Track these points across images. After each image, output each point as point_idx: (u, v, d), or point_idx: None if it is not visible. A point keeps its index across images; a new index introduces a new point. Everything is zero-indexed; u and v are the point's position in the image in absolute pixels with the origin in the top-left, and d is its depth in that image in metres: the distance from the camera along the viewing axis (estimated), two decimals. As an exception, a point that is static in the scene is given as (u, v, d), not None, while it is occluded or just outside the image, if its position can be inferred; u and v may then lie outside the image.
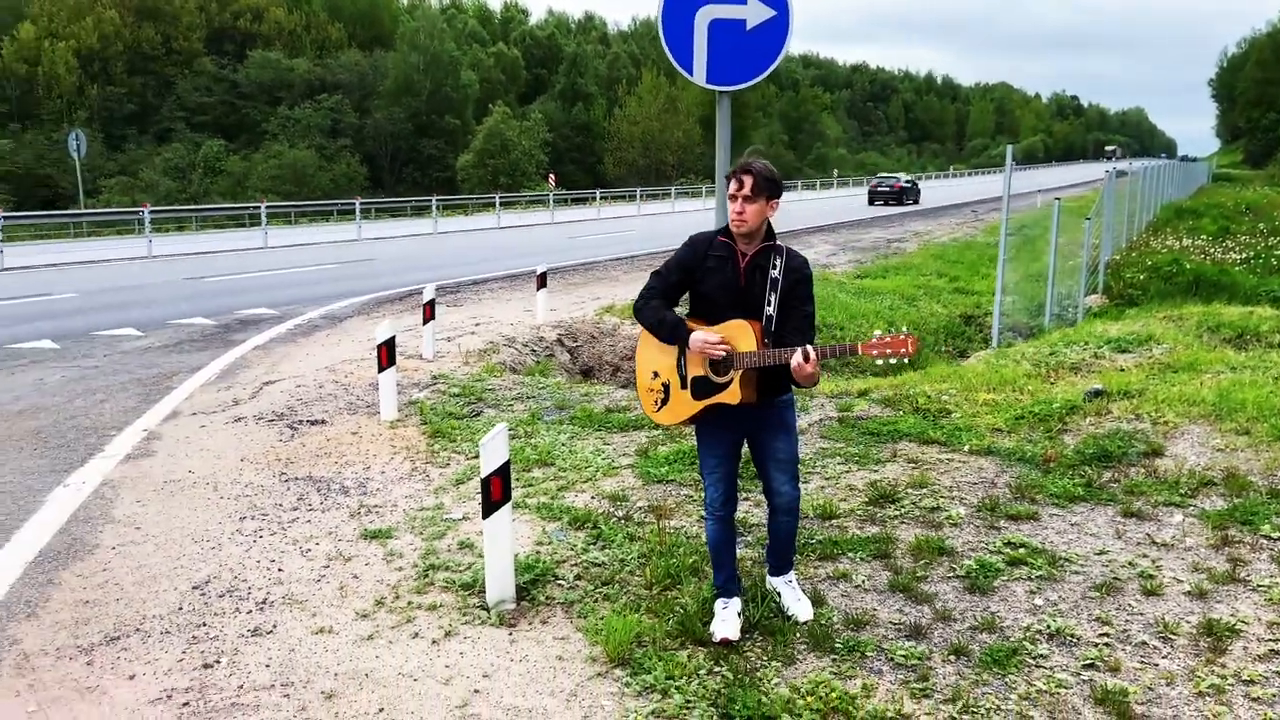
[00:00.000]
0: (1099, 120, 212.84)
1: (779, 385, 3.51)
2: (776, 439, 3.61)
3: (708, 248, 3.51)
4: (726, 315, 3.43)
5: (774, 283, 3.40)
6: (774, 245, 3.48)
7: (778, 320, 3.40)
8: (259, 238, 24.86)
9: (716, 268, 3.47)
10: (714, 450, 3.62)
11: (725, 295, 3.45)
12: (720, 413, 3.49)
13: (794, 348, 3.25)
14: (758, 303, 3.41)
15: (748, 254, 3.46)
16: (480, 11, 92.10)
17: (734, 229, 3.44)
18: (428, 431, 6.60)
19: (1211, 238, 23.64)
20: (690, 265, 3.52)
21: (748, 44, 5.15)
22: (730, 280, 3.44)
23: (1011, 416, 6.04)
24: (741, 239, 3.46)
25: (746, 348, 3.35)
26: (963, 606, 3.73)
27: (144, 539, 4.72)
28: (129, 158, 55.57)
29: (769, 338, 3.39)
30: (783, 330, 3.40)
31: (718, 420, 3.54)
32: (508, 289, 14.96)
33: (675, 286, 3.56)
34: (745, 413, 3.49)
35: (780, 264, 3.43)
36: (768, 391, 3.49)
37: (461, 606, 3.92)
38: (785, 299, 3.41)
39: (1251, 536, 4.18)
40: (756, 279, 3.43)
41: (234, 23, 68.54)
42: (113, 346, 10.00)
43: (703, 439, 3.66)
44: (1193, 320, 9.08)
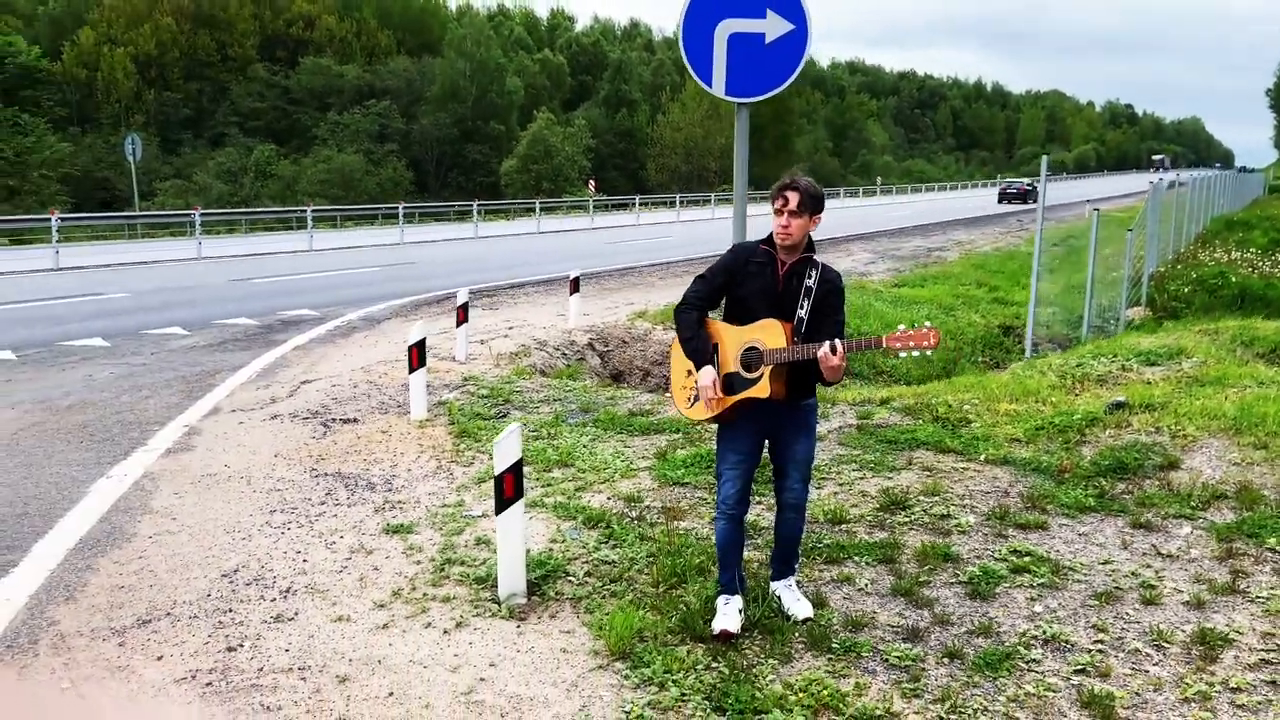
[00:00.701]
0: (1154, 129, 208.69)
1: (806, 386, 3.67)
2: (797, 439, 3.76)
3: (750, 255, 3.69)
4: (761, 317, 3.59)
5: (808, 290, 3.58)
6: (811, 258, 3.65)
7: (809, 324, 3.57)
8: (305, 240, 25.40)
9: (756, 274, 3.64)
10: (736, 448, 3.74)
11: (762, 300, 3.62)
12: (748, 411, 3.63)
13: (820, 342, 3.41)
14: (791, 307, 3.59)
15: (787, 262, 3.62)
16: (527, 18, 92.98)
17: (779, 241, 3.61)
18: (455, 431, 6.78)
19: (1262, 251, 23.14)
20: (733, 270, 3.69)
21: (766, 57, 5.26)
22: (769, 286, 3.61)
23: (1031, 427, 6.06)
24: (783, 250, 3.60)
25: (775, 344, 3.52)
26: (962, 611, 3.80)
27: (179, 529, 4.94)
28: (184, 161, 56.95)
29: (798, 338, 3.55)
30: (813, 333, 3.57)
31: (745, 418, 3.68)
32: (543, 293, 15.16)
33: (718, 290, 3.74)
34: (772, 411, 3.63)
35: (815, 275, 3.61)
36: (795, 390, 3.63)
37: (474, 599, 4.07)
38: (817, 306, 3.59)
39: (1256, 549, 4.19)
40: (792, 285, 3.60)
41: (286, 30, 69.98)
42: (160, 345, 10.35)
43: (725, 437, 3.78)
44: (1228, 334, 8.97)
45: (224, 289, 15.65)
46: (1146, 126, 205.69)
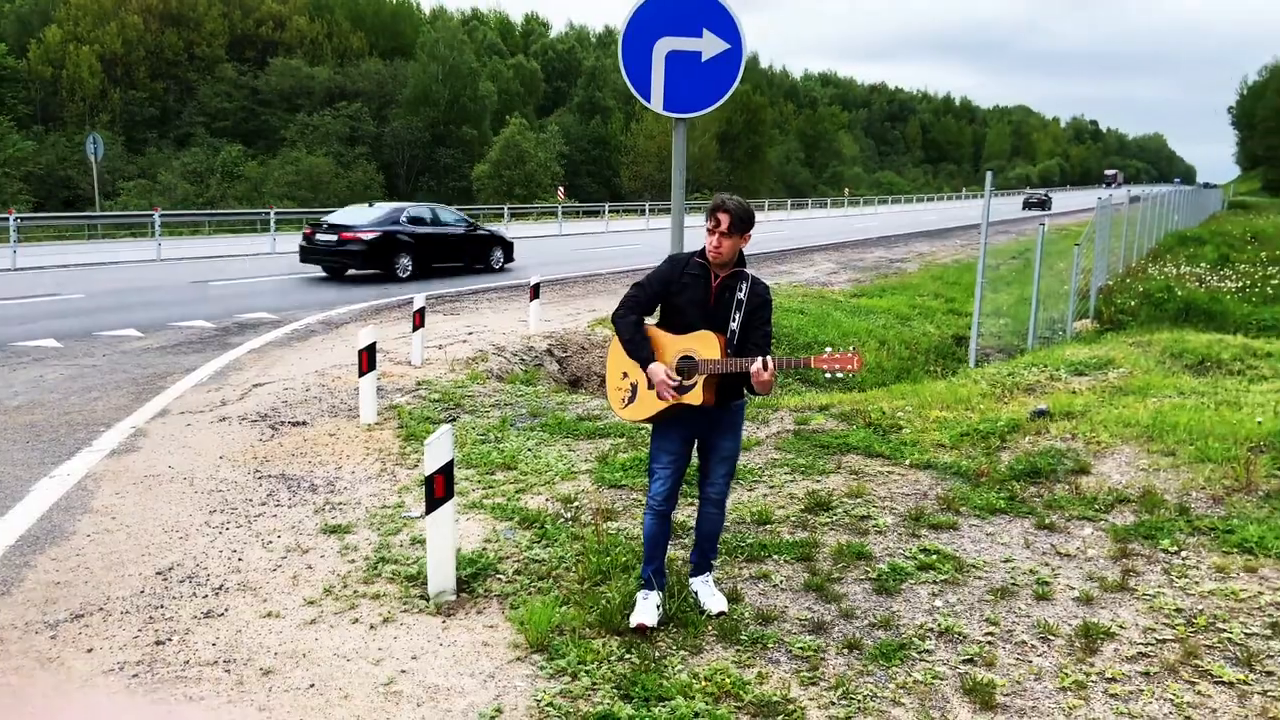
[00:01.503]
0: (1117, 145, 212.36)
1: (735, 391, 3.88)
2: (725, 438, 3.97)
3: (685, 266, 3.87)
4: (694, 326, 3.80)
5: (739, 303, 3.79)
6: (742, 271, 3.86)
7: (740, 335, 3.79)
8: (268, 243, 25.31)
9: (691, 285, 3.84)
10: (668, 447, 3.93)
11: (695, 310, 3.82)
12: (680, 412, 3.82)
13: (754, 357, 3.64)
14: (724, 319, 3.79)
15: (720, 276, 3.81)
16: (501, 23, 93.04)
17: (710, 258, 3.80)
18: (402, 435, 6.89)
19: (1211, 265, 23.75)
20: (669, 280, 3.88)
21: (703, 74, 5.44)
22: (702, 298, 3.81)
23: (957, 433, 6.29)
24: (716, 265, 3.80)
25: (709, 355, 3.72)
26: (867, 606, 3.99)
27: (117, 528, 5.03)
28: (148, 161, 56.43)
29: (731, 349, 3.76)
30: (744, 344, 3.80)
31: (677, 419, 3.87)
32: (506, 299, 15.28)
33: (654, 297, 3.93)
34: (703, 413, 3.83)
35: (746, 288, 3.81)
36: (725, 396, 3.84)
37: (403, 596, 4.20)
38: (748, 318, 3.81)
39: (1150, 550, 4.42)
40: (724, 298, 3.81)
41: (256, 30, 69.61)
42: (113, 347, 10.36)
43: (659, 436, 3.97)
44: (1159, 346, 9.28)
45: (183, 291, 15.62)
46: (1110, 142, 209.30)
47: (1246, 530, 4.48)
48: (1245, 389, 7.62)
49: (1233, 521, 4.64)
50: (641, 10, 5.41)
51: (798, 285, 20.01)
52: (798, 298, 18.07)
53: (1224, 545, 4.40)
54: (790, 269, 23.28)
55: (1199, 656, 3.48)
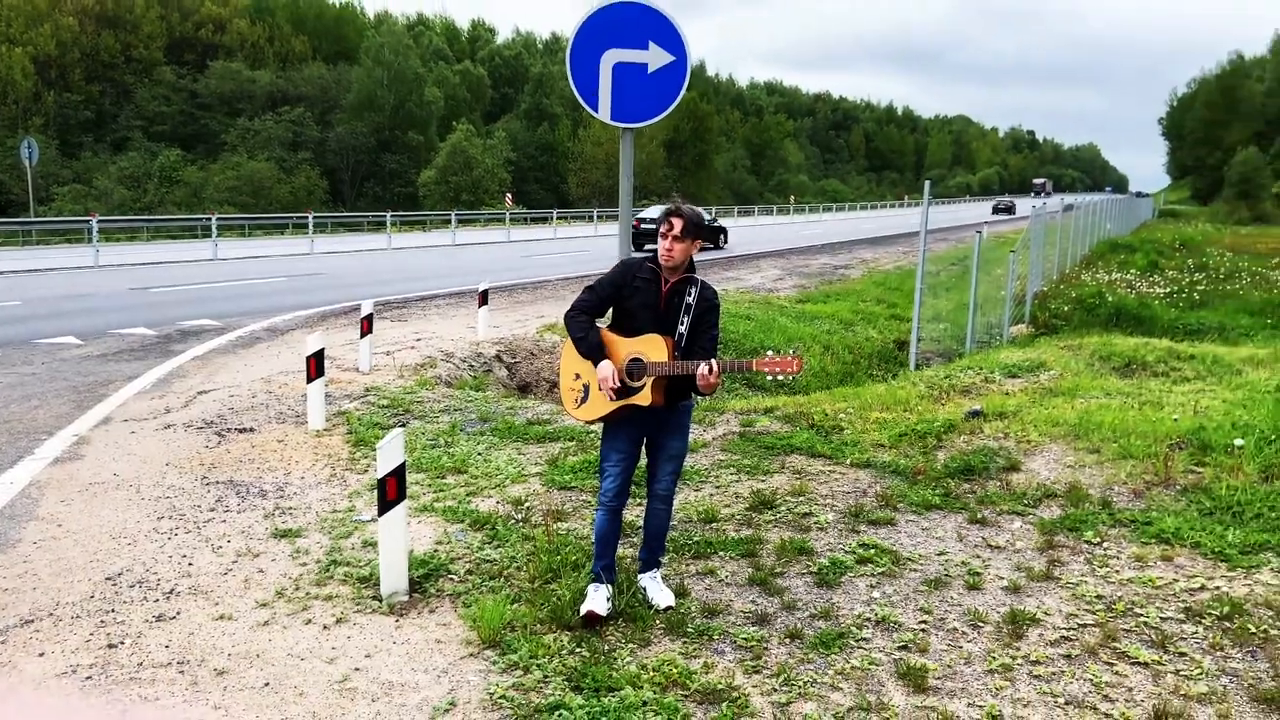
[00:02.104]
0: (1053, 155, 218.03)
1: (683, 392, 4.02)
2: (673, 438, 4.12)
3: (637, 270, 4.01)
4: (644, 330, 3.93)
5: (688, 307, 3.94)
6: (692, 277, 4.00)
7: (688, 339, 3.93)
8: (209, 249, 24.92)
9: (642, 289, 3.97)
10: (618, 447, 4.06)
11: (646, 313, 3.95)
12: (630, 413, 3.95)
13: (700, 360, 3.79)
14: (672, 323, 3.94)
15: (670, 280, 3.95)
16: (447, 29, 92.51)
17: (662, 262, 3.95)
18: (352, 440, 6.91)
19: (1141, 272, 24.58)
20: (620, 284, 4.01)
21: (649, 85, 5.59)
22: (652, 302, 3.95)
23: (896, 434, 6.51)
24: (667, 269, 3.92)
25: (658, 358, 3.86)
26: (809, 598, 4.15)
27: (64, 535, 5.00)
28: (84, 165, 55.04)
29: (679, 352, 3.91)
30: (691, 347, 3.94)
31: (627, 419, 4.00)
32: (454, 305, 15.27)
33: (605, 300, 4.05)
34: (652, 413, 3.97)
35: (695, 293, 3.96)
36: (673, 396, 3.99)
37: (356, 597, 4.26)
38: (696, 322, 3.95)
39: (1074, 541, 4.66)
40: (674, 302, 3.95)
41: (195, 33, 68.27)
42: (52, 355, 10.17)
43: (609, 435, 4.09)
44: (1088, 350, 9.65)
45: (121, 298, 15.35)
46: (1047, 152, 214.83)
47: (1164, 522, 4.74)
48: (1168, 390, 7.98)
49: (1151, 514, 4.90)
50: (589, 22, 5.54)
51: (745, 291, 20.29)
52: (744, 304, 18.33)
53: (1143, 536, 4.65)
54: (737, 275, 23.58)
55: (1117, 640, 3.70)
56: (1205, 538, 4.53)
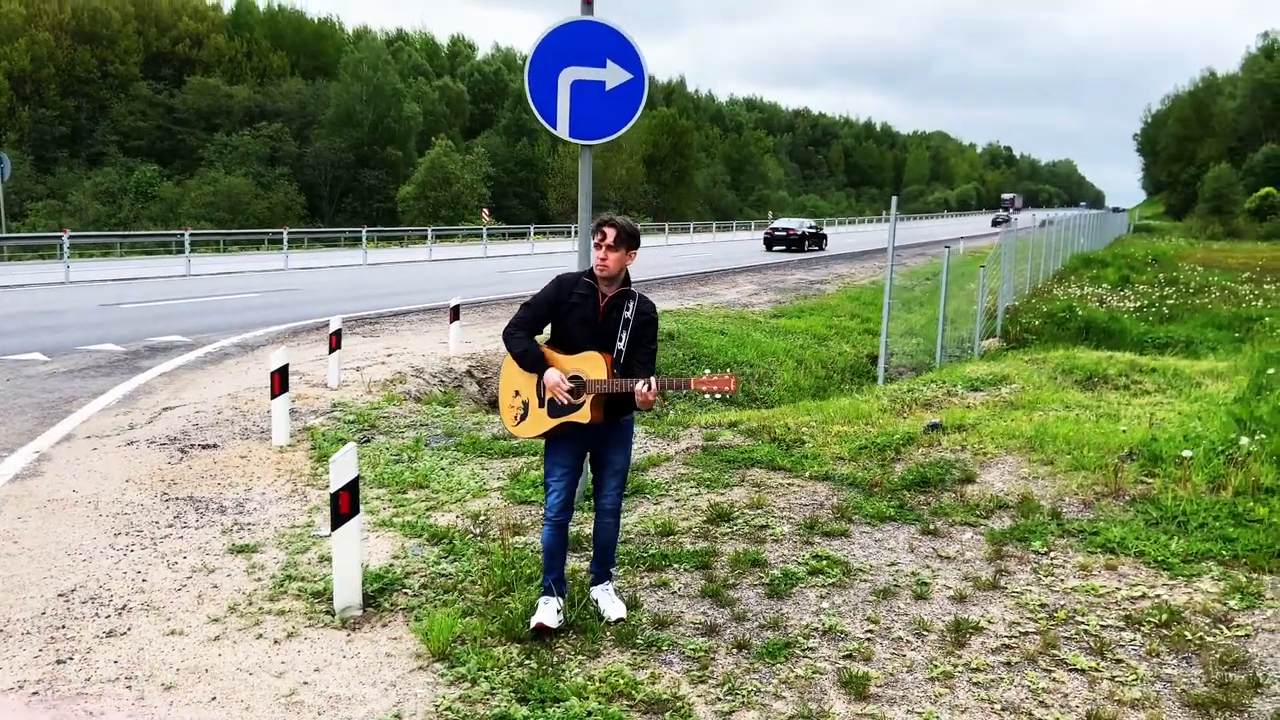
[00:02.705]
0: (1030, 170, 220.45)
1: (623, 407, 4.04)
2: (615, 452, 4.14)
3: (573, 286, 4.03)
4: (583, 346, 3.96)
5: (626, 322, 3.96)
6: (629, 291, 4.04)
7: (626, 354, 3.96)
8: (183, 265, 24.80)
9: (579, 304, 4.00)
10: (561, 462, 4.08)
11: (584, 329, 3.98)
12: (571, 429, 3.97)
13: (638, 378, 3.82)
14: (611, 338, 3.96)
15: (607, 295, 3.98)
16: (427, 45, 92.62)
17: (598, 273, 3.97)
18: (315, 456, 6.91)
19: (1112, 286, 24.87)
20: (556, 300, 4.03)
21: (607, 103, 5.65)
22: (590, 316, 3.97)
23: (856, 447, 6.58)
24: (603, 282, 3.97)
25: (597, 375, 3.89)
26: (759, 609, 4.20)
27: (19, 551, 4.98)
28: (58, 181, 54.62)
29: (618, 368, 3.94)
30: (630, 362, 3.97)
31: (568, 435, 4.03)
32: (427, 321, 15.26)
33: (542, 318, 4.08)
34: (592, 430, 4.00)
35: (633, 307, 3.99)
36: (613, 412, 4.02)
37: (309, 612, 4.27)
38: (635, 337, 3.98)
39: (1022, 551, 4.73)
40: (612, 317, 3.97)
41: (173, 48, 68.02)
42: (17, 371, 10.10)
43: (551, 451, 4.11)
44: (1051, 363, 9.78)
45: (91, 314, 15.25)
46: (1024, 167, 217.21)
47: (1110, 532, 4.82)
48: (1127, 402, 8.11)
49: (1099, 524, 4.98)
50: (547, 40, 5.60)
51: (720, 306, 20.39)
52: (719, 319, 18.42)
53: (1089, 546, 4.73)
54: (713, 290, 23.69)
55: (1057, 647, 3.76)
56: (1149, 547, 4.61)
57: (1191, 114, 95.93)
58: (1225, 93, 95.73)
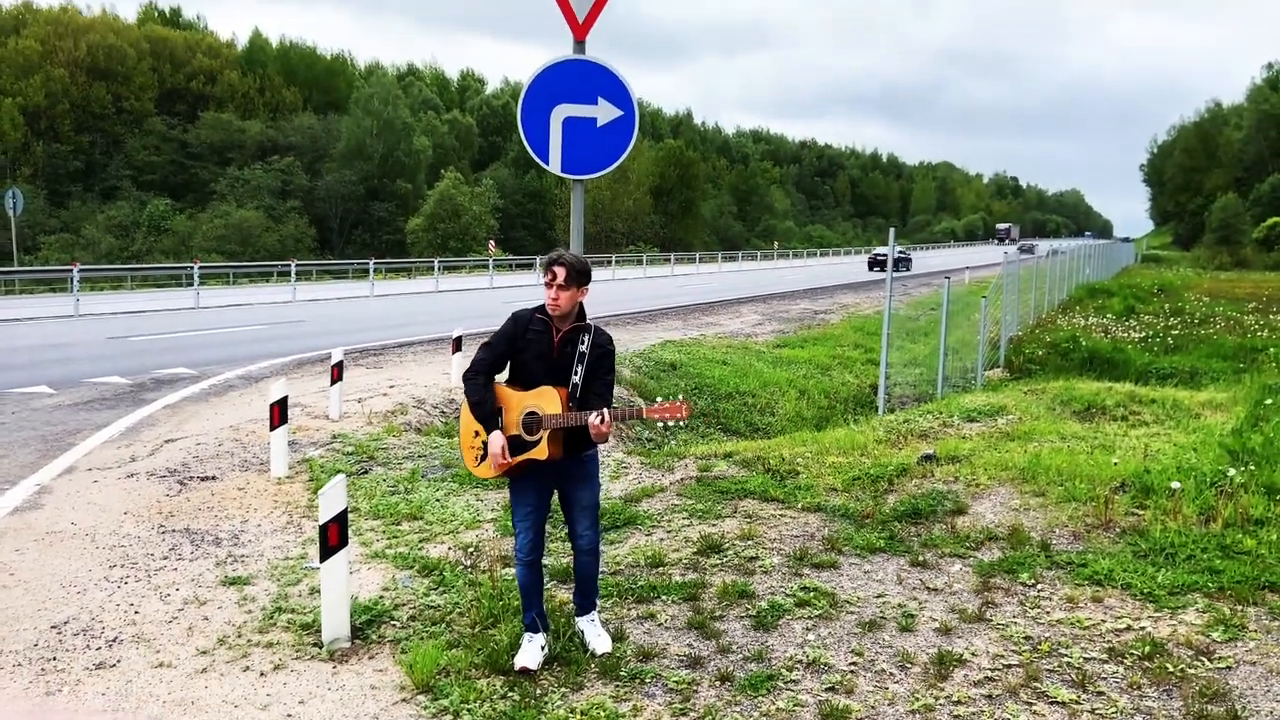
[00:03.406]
0: (1037, 200, 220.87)
1: (583, 442, 4.04)
2: (580, 489, 4.14)
3: (529, 323, 4.06)
4: (540, 381, 3.97)
5: (581, 356, 3.98)
6: (584, 325, 4.06)
7: (583, 387, 3.97)
8: (192, 298, 25.02)
9: (535, 340, 4.02)
10: (525, 501, 4.10)
11: (540, 364, 4.00)
12: (532, 467, 3.99)
13: (592, 410, 3.82)
14: (566, 372, 3.97)
15: (561, 330, 4.01)
16: (437, 79, 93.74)
17: (550, 311, 3.99)
18: (312, 488, 6.96)
19: (1117, 316, 24.84)
20: (513, 337, 4.05)
21: (598, 139, 5.74)
22: (545, 351, 4.00)
23: (849, 478, 6.60)
24: (557, 318, 3.99)
25: (552, 410, 3.89)
26: (744, 641, 4.21)
27: (15, 584, 5.02)
28: (72, 214, 55.28)
29: (574, 402, 3.95)
30: (587, 395, 3.97)
31: (530, 474, 4.04)
32: (431, 352, 15.36)
33: (501, 356, 4.10)
34: (554, 467, 4.02)
35: (588, 340, 4.01)
36: (573, 447, 4.03)
37: (297, 644, 4.30)
38: (590, 370, 3.99)
39: (1009, 583, 4.74)
40: (567, 351, 4.00)
41: (187, 84, 69.04)
42: (23, 404, 10.20)
43: (516, 492, 4.14)
44: (1050, 394, 9.79)
45: (99, 347, 15.39)
46: (1030, 198, 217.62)
47: (1098, 564, 4.82)
48: (1124, 434, 8.11)
49: (1088, 556, 4.98)
50: (540, 78, 5.70)
51: (723, 336, 20.46)
52: (722, 349, 18.49)
53: (1077, 578, 4.73)
54: (717, 320, 23.77)
55: (1039, 679, 3.76)
56: (1136, 579, 4.61)
57: (1197, 144, 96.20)
58: (1231, 123, 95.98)
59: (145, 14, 77.78)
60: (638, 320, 22.66)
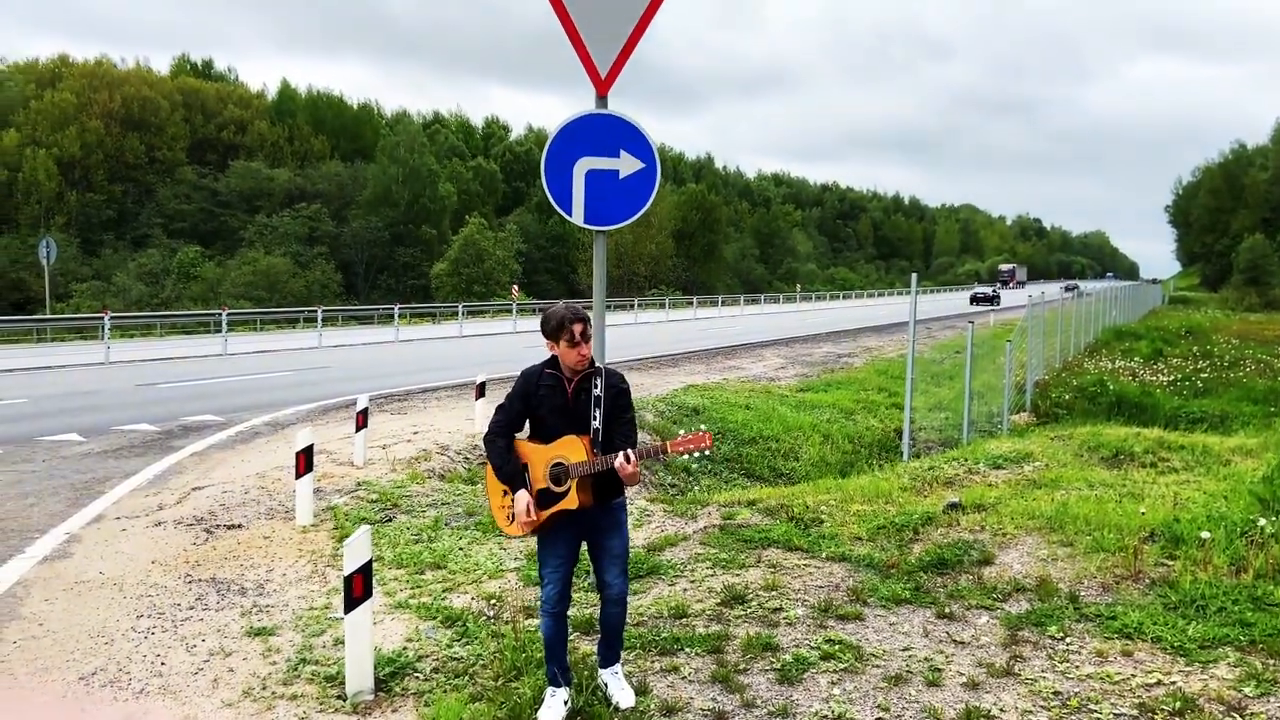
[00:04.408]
0: (1061, 242, 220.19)
1: (612, 489, 4.07)
2: (610, 538, 4.15)
3: (539, 379, 4.10)
4: (561, 433, 4.00)
5: (597, 400, 4.02)
6: (594, 369, 4.10)
7: (604, 431, 4.00)
8: (220, 344, 25.35)
9: (548, 395, 4.06)
10: (555, 552, 4.12)
11: (557, 416, 4.03)
12: (563, 519, 4.01)
13: (617, 453, 3.85)
14: (585, 419, 4.01)
15: (574, 379, 4.05)
16: (462, 126, 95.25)
17: (576, 367, 4.01)
18: (337, 536, 7.00)
19: (1145, 360, 24.62)
20: (527, 395, 4.10)
21: (621, 190, 5.83)
22: (560, 403, 4.03)
23: (874, 526, 6.55)
24: (568, 369, 4.03)
25: (577, 459, 3.92)
26: (768, 695, 4.17)
27: (44, 634, 5.08)
28: (104, 263, 56.34)
29: (597, 447, 3.97)
30: (610, 438, 4.00)
31: (560, 526, 4.06)
32: (455, 397, 15.44)
33: (519, 415, 4.14)
34: (584, 516, 4.03)
35: (601, 383, 4.05)
36: (602, 495, 4.05)
37: (321, 696, 4.30)
38: (609, 412, 4.02)
39: (1038, 636, 4.67)
40: (582, 399, 4.03)
41: (218, 134, 70.64)
42: (53, 452, 10.35)
43: (545, 543, 4.15)
44: (1077, 440, 9.70)
45: (128, 394, 15.61)
46: (1055, 240, 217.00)
47: (1128, 616, 4.75)
48: (1153, 481, 8.01)
49: (1117, 608, 4.91)
50: (563, 132, 5.82)
51: (745, 381, 20.42)
52: (744, 393, 18.44)
53: (1106, 631, 4.66)
54: (739, 364, 23.75)
55: (1069, 736, 3.70)
56: (1167, 632, 4.54)
57: (1223, 185, 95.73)
58: (1256, 164, 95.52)
59: (178, 66, 79.86)
60: (660, 364, 22.70)
